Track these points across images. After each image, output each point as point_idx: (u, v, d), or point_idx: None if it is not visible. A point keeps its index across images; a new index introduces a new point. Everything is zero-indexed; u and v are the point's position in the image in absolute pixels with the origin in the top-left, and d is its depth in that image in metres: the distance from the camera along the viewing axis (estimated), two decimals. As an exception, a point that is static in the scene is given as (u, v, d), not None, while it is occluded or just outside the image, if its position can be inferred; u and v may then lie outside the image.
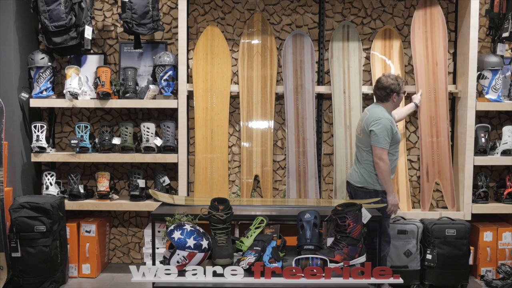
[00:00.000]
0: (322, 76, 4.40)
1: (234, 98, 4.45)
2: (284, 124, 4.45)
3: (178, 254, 2.81)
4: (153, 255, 3.33)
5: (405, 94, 3.79)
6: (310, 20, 4.45)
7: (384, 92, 3.63)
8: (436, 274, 3.96)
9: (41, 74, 4.18)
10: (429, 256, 3.94)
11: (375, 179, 3.59)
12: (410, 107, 4.13)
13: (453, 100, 4.38)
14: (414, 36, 4.24)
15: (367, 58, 4.41)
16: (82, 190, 4.28)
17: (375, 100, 3.83)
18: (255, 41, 4.38)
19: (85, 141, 4.21)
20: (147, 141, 4.22)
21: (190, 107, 4.40)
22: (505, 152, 4.17)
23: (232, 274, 2.74)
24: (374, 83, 4.29)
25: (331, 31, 4.42)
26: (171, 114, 4.48)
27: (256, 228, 3.14)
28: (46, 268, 3.80)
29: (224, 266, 2.76)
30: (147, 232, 4.25)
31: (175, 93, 4.25)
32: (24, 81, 4.24)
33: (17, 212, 3.75)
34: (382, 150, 3.49)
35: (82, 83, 4.24)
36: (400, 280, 2.77)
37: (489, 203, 4.21)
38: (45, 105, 4.28)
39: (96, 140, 4.27)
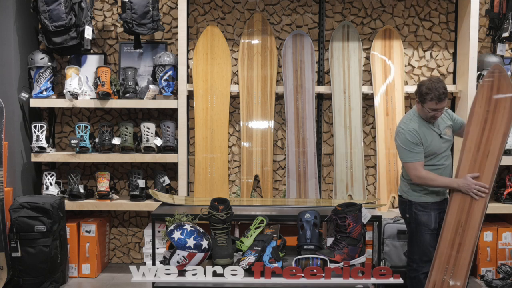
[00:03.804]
0: (322, 76, 4.40)
1: (234, 98, 4.45)
2: (284, 124, 4.45)
3: (178, 254, 2.81)
4: (153, 255, 3.34)
5: (430, 113, 3.14)
6: (310, 20, 4.45)
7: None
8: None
9: (41, 74, 4.18)
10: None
11: (408, 188, 3.28)
12: None
13: (453, 100, 4.39)
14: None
15: (367, 58, 4.41)
16: (82, 190, 4.28)
17: None
18: (255, 41, 4.38)
19: (85, 141, 4.20)
20: (147, 141, 4.22)
21: (190, 107, 4.40)
22: (505, 152, 4.15)
23: (232, 274, 2.74)
24: (373, 83, 4.32)
25: (331, 31, 4.42)
26: (171, 114, 4.48)
27: (256, 228, 3.14)
28: (46, 268, 3.79)
29: (224, 266, 2.76)
30: (147, 232, 4.24)
31: (175, 93, 4.25)
32: (24, 81, 4.24)
33: (17, 212, 3.75)
34: (412, 166, 3.14)
35: (82, 83, 4.24)
36: (400, 280, 2.77)
37: (489, 203, 4.20)
38: (45, 105, 4.28)
39: (96, 140, 4.27)
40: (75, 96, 4.16)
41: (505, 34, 4.07)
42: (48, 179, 4.26)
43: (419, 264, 3.28)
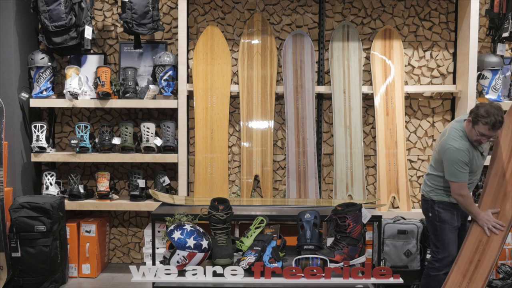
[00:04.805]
0: (322, 76, 4.40)
1: (234, 98, 4.45)
2: (284, 124, 4.45)
3: (178, 254, 2.81)
4: (153, 255, 3.34)
5: (477, 136, 3.11)
6: (310, 20, 4.45)
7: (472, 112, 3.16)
8: (436, 274, 3.95)
9: (41, 74, 4.18)
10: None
11: (430, 188, 3.34)
12: None
13: (453, 100, 4.39)
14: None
15: (367, 58, 4.41)
16: (82, 190, 4.28)
17: None
18: (255, 41, 4.38)
19: (85, 141, 4.21)
20: (147, 141, 4.22)
21: (190, 107, 4.40)
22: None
23: (232, 274, 2.74)
24: (373, 83, 4.32)
25: (331, 31, 4.42)
26: (171, 114, 4.48)
27: (256, 228, 3.14)
28: (46, 268, 3.79)
29: (224, 266, 2.77)
30: (147, 232, 4.24)
31: (175, 93, 4.25)
32: (24, 81, 4.24)
33: (17, 212, 3.75)
34: (458, 185, 3.15)
35: (82, 83, 4.24)
36: (400, 280, 2.77)
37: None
38: (45, 105, 4.28)
39: (96, 140, 4.27)
40: (75, 96, 4.16)
41: (505, 34, 4.07)
42: (48, 179, 4.26)
43: (441, 263, 3.29)
